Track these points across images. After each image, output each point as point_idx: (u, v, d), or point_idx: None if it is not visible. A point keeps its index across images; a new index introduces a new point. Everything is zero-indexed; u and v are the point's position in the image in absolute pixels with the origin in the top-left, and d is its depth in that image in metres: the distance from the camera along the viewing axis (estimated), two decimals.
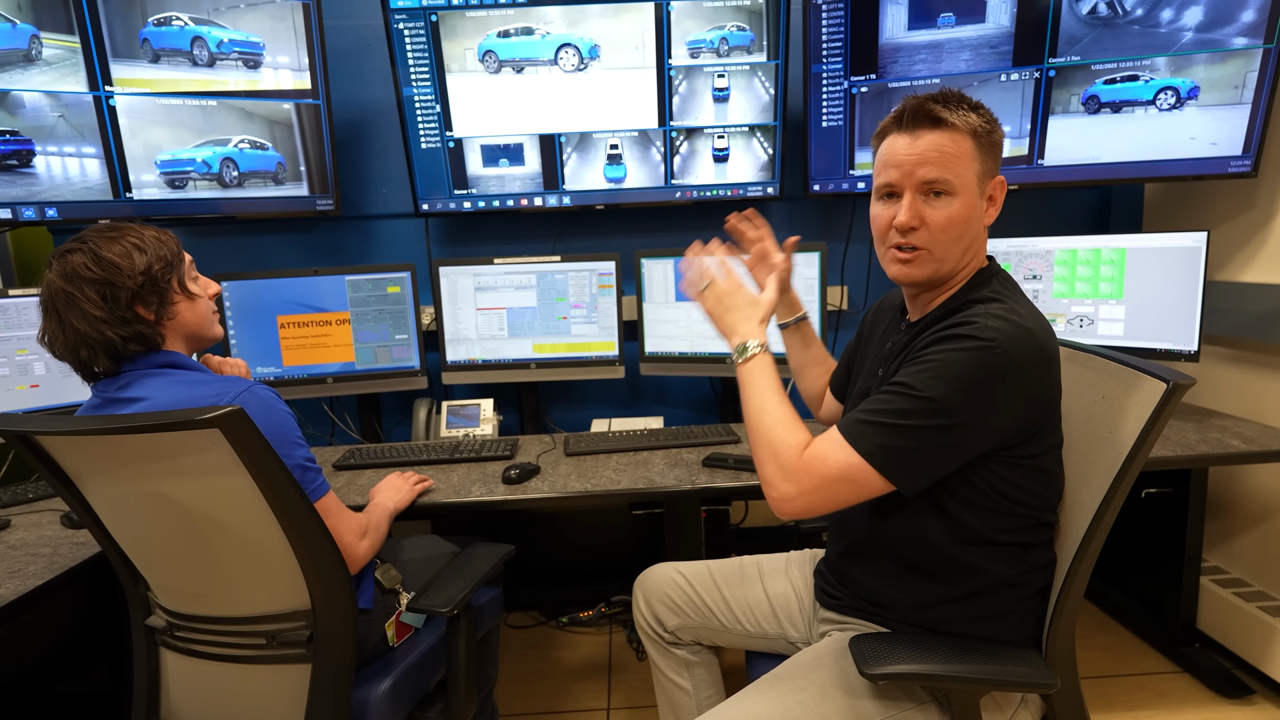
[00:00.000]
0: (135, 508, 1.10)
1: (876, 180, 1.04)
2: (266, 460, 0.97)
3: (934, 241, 0.99)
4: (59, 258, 1.14)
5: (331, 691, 1.10)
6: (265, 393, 1.15)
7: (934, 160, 0.96)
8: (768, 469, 0.99)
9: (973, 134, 0.97)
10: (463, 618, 1.25)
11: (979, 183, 1.00)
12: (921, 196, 0.98)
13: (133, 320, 1.15)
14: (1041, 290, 2.01)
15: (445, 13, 2.04)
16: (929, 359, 0.94)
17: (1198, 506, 1.89)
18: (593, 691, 2.04)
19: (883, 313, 1.26)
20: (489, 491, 1.63)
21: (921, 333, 1.03)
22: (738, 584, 1.35)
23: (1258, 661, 1.84)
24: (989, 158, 1.00)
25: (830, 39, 2.08)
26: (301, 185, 2.11)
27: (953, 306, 1.03)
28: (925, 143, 0.97)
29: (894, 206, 1.01)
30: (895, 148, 1.00)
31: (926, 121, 0.97)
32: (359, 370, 2.15)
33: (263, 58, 2.00)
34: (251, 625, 1.13)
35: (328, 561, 1.08)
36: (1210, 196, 2.10)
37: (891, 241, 1.02)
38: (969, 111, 0.98)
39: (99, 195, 1.90)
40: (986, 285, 1.04)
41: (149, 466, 1.03)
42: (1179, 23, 1.83)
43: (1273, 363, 1.91)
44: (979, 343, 0.91)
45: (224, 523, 1.05)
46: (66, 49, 1.81)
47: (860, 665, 0.95)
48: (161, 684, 1.28)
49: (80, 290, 1.13)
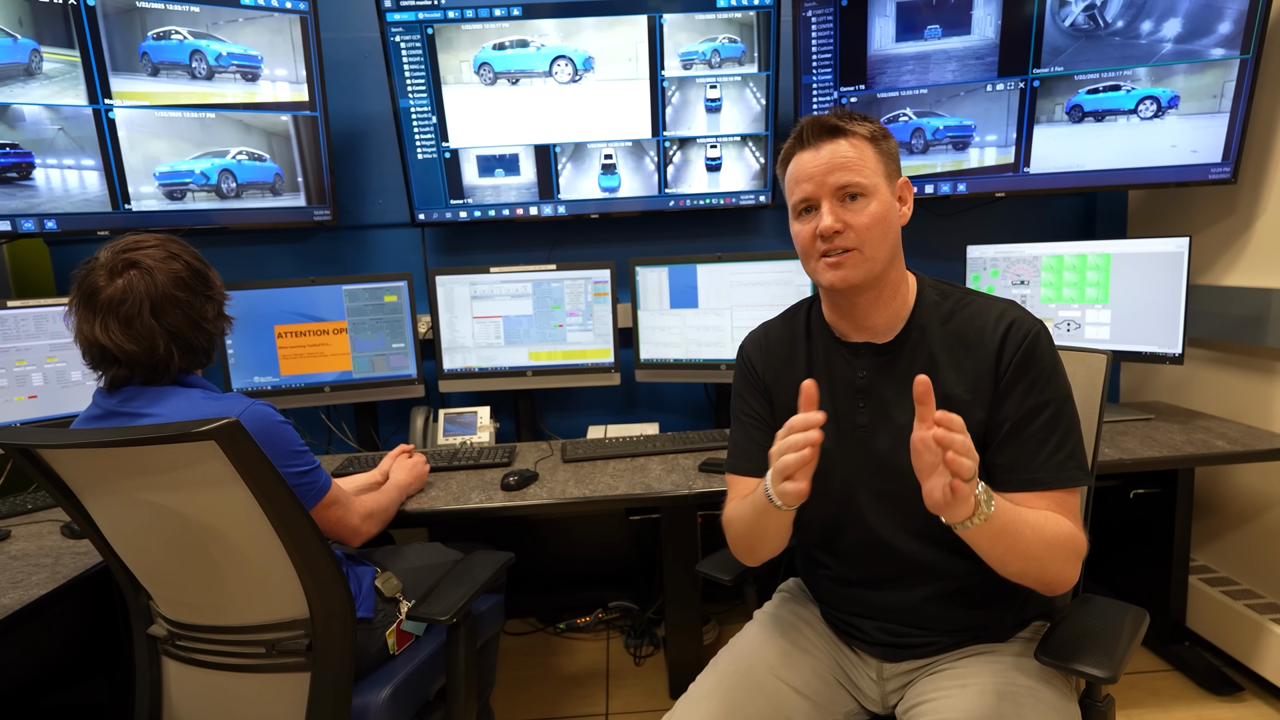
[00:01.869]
0: (136, 519, 1.11)
1: (792, 199, 1.06)
2: (263, 472, 0.99)
3: (862, 240, 1.00)
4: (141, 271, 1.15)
5: (330, 700, 1.11)
6: (264, 408, 1.18)
7: (841, 165, 1.00)
8: (1070, 568, 0.96)
9: (870, 139, 1.02)
10: (462, 626, 1.25)
11: (888, 183, 1.03)
12: (838, 202, 1.01)
13: (214, 328, 1.25)
14: (1029, 295, 2.05)
15: (441, 26, 2.07)
16: (1034, 364, 1.00)
17: (1185, 506, 1.92)
18: (591, 697, 2.05)
19: (779, 350, 1.18)
20: (488, 498, 1.65)
21: (916, 343, 1.05)
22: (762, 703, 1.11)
23: (1246, 659, 1.87)
24: (889, 160, 1.04)
25: (820, 51, 2.12)
26: (299, 196, 2.13)
27: (934, 304, 1.07)
28: (829, 151, 1.01)
29: (814, 219, 1.03)
30: (803, 163, 1.03)
31: (826, 133, 1.01)
32: (356, 379, 2.16)
33: (260, 70, 2.02)
34: (251, 634, 1.14)
35: (325, 571, 1.10)
36: (1192, 202, 2.14)
37: (819, 250, 1.03)
38: (862, 121, 1.03)
39: (98, 207, 1.91)
40: (944, 284, 1.11)
41: (149, 479, 1.05)
42: (1159, 34, 1.88)
43: (1255, 364, 1.95)
44: (1038, 323, 1.02)
45: (223, 533, 1.07)
46: (67, 63, 1.82)
47: (1098, 672, 0.94)
48: (164, 693, 1.29)
49: (193, 289, 1.20)
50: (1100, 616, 1.06)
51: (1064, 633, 1.03)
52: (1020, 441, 1.00)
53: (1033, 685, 1.00)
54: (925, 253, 2.37)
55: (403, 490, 1.60)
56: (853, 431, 1.09)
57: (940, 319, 1.06)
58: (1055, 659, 0.97)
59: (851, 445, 1.09)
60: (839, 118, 1.02)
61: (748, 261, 2.10)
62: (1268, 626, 1.81)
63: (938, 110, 2.06)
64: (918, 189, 2.13)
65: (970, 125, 2.05)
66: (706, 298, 2.13)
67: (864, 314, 1.08)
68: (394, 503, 1.53)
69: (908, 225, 1.08)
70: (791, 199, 1.06)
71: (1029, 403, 0.99)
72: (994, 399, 1.02)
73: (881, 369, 1.08)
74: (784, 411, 1.13)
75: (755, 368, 1.20)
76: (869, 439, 1.07)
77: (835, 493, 1.10)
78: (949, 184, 2.11)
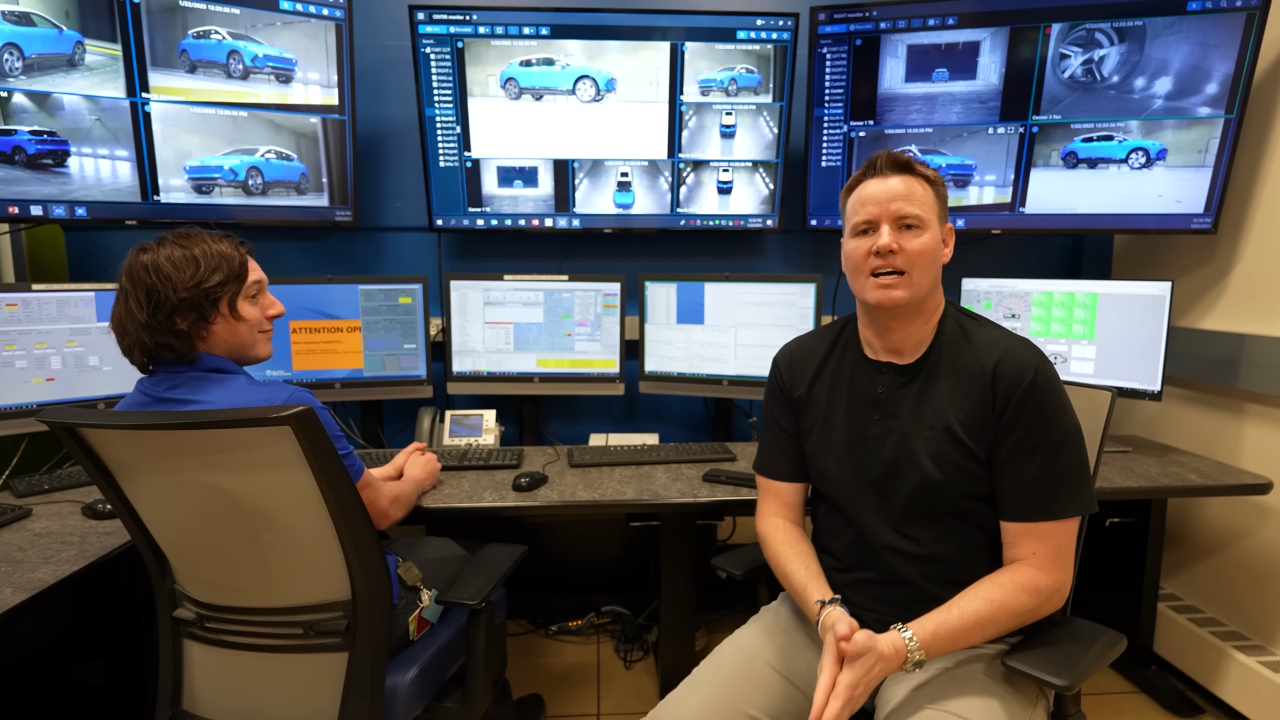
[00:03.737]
0: (181, 501, 1.15)
1: (853, 219, 1.16)
2: (329, 457, 1.05)
3: (912, 264, 1.10)
4: (135, 252, 1.21)
5: (368, 679, 1.16)
6: (306, 394, 1.23)
7: (905, 197, 1.11)
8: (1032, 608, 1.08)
9: (932, 182, 1.14)
10: (485, 611, 1.32)
11: (939, 223, 1.14)
12: (896, 229, 1.11)
13: (168, 330, 1.21)
14: (1019, 328, 2.15)
15: (471, 40, 2.14)
16: (1033, 406, 1.07)
17: (1157, 536, 2.03)
18: (582, 698, 2.11)
19: (806, 363, 1.29)
20: (501, 498, 1.71)
21: (932, 371, 1.15)
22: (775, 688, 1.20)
23: (1208, 683, 1.98)
24: (943, 205, 1.16)
25: (833, 86, 2.22)
26: (322, 196, 2.19)
27: (956, 336, 1.16)
28: (897, 183, 1.11)
29: (871, 239, 1.12)
30: (870, 189, 1.14)
31: (897, 168, 1.13)
32: (366, 377, 2.21)
33: (294, 73, 2.08)
34: (289, 616, 1.19)
35: (370, 553, 1.15)
36: (1173, 249, 2.27)
37: (871, 268, 1.12)
38: (926, 166, 1.15)
39: (128, 197, 1.95)
40: (962, 313, 1.20)
41: (205, 460, 1.09)
42: (1150, 91, 2.01)
43: (1228, 404, 2.07)
44: (1040, 360, 1.09)
45: (275, 516, 1.12)
46: (108, 56, 1.87)
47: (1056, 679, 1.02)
48: (185, 674, 1.32)
49: (134, 289, 1.20)
50: (1076, 637, 1.13)
51: (1035, 644, 1.10)
52: (1011, 477, 1.09)
53: (994, 683, 1.08)
54: None
55: (419, 485, 1.66)
56: (865, 441, 1.19)
57: (953, 349, 1.15)
58: (1020, 665, 1.04)
59: (861, 452, 1.19)
60: (909, 158, 1.14)
61: (754, 282, 2.19)
62: (1230, 653, 1.91)
63: (941, 149, 2.17)
64: None
65: (971, 165, 2.16)
66: (712, 315, 2.22)
67: (897, 333, 1.17)
68: (413, 494, 1.60)
69: None
70: (853, 219, 1.16)
71: (1025, 444, 1.08)
72: (996, 433, 1.10)
73: (899, 389, 1.17)
74: (808, 422, 1.27)
75: (783, 379, 1.32)
76: (878, 449, 1.17)
77: (838, 494, 1.23)
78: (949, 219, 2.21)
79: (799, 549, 1.25)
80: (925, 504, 1.14)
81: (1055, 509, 1.07)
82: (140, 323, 1.20)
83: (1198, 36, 1.94)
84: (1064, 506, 1.08)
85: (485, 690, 1.37)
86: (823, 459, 1.24)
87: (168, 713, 1.29)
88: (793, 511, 1.33)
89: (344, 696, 1.17)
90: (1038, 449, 1.07)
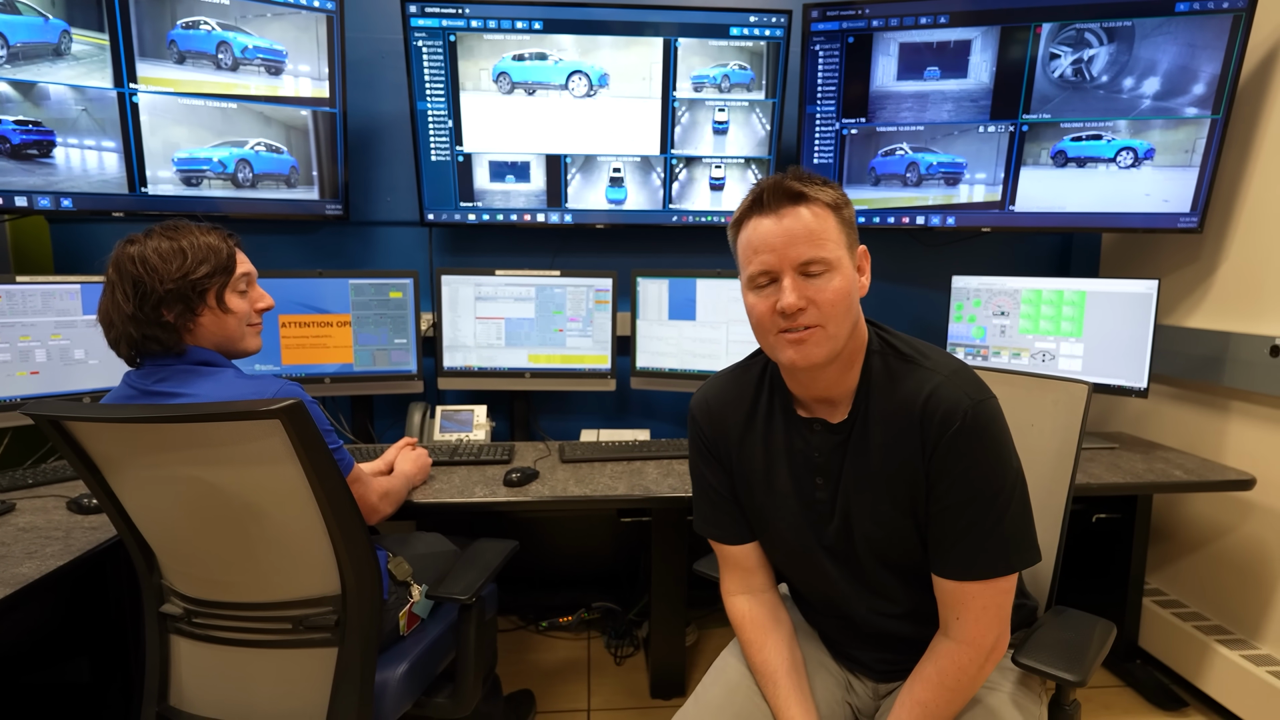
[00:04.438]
0: (168, 495, 1.14)
1: (748, 269, 0.97)
2: (319, 451, 1.04)
3: (826, 317, 0.94)
4: (122, 244, 1.20)
5: (358, 674, 1.16)
6: (295, 387, 1.22)
7: (806, 238, 0.93)
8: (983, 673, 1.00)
9: (833, 207, 0.96)
10: (475, 606, 1.32)
11: (849, 254, 0.97)
12: (801, 276, 0.94)
13: (154, 322, 1.20)
14: (1009, 326, 2.17)
15: (464, 34, 2.13)
16: (962, 453, 0.94)
17: (1142, 532, 2.05)
18: (572, 694, 2.11)
19: (729, 415, 1.12)
20: (492, 493, 1.71)
21: (863, 424, 1.01)
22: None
23: (1192, 677, 2.00)
24: (850, 229, 0.98)
25: (825, 83, 2.23)
26: (313, 190, 2.17)
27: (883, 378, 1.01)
28: (792, 220, 0.94)
29: (773, 293, 0.95)
30: (762, 231, 0.95)
31: (788, 199, 0.94)
32: (357, 372, 2.20)
33: (284, 65, 2.06)
34: (278, 611, 1.18)
35: (360, 548, 1.15)
36: (1160, 248, 2.29)
37: (779, 327, 0.96)
38: (823, 186, 0.97)
39: (115, 188, 1.93)
40: (887, 346, 1.04)
41: (193, 453, 1.08)
42: (1139, 91, 2.03)
43: (1213, 401, 2.09)
44: (972, 402, 0.94)
45: (264, 510, 1.11)
46: (95, 45, 1.85)
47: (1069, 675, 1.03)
48: (172, 670, 1.31)
49: (120, 280, 1.19)
50: (1072, 627, 1.16)
51: (1040, 639, 1.11)
52: (939, 531, 0.98)
53: (1006, 684, 1.09)
54: (914, 281, 2.49)
55: (409, 480, 1.66)
56: (812, 506, 1.07)
57: (882, 394, 1.01)
58: (1032, 662, 1.06)
59: (814, 519, 1.07)
60: (801, 182, 0.95)
61: None
62: (1213, 647, 1.94)
63: (932, 146, 2.18)
64: (910, 220, 2.24)
65: (962, 163, 2.17)
66: (704, 311, 2.22)
67: (821, 384, 1.03)
68: (404, 489, 1.59)
69: (898, 253, 1.13)
70: (747, 269, 0.98)
71: (954, 495, 0.96)
72: (926, 481, 0.98)
73: (836, 448, 1.04)
74: (745, 482, 1.12)
75: (705, 434, 1.15)
76: (829, 514, 1.06)
77: (800, 561, 1.12)
78: (939, 217, 2.23)
79: (774, 658, 1.11)
80: (886, 564, 1.05)
81: (983, 569, 0.96)
82: (126, 314, 1.19)
83: (1185, 37, 1.96)
84: (995, 565, 0.96)
85: (476, 685, 1.37)
86: (774, 527, 1.11)
87: (154, 709, 1.28)
88: (757, 576, 1.18)
89: (333, 692, 1.17)
90: (969, 501, 0.95)
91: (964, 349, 2.25)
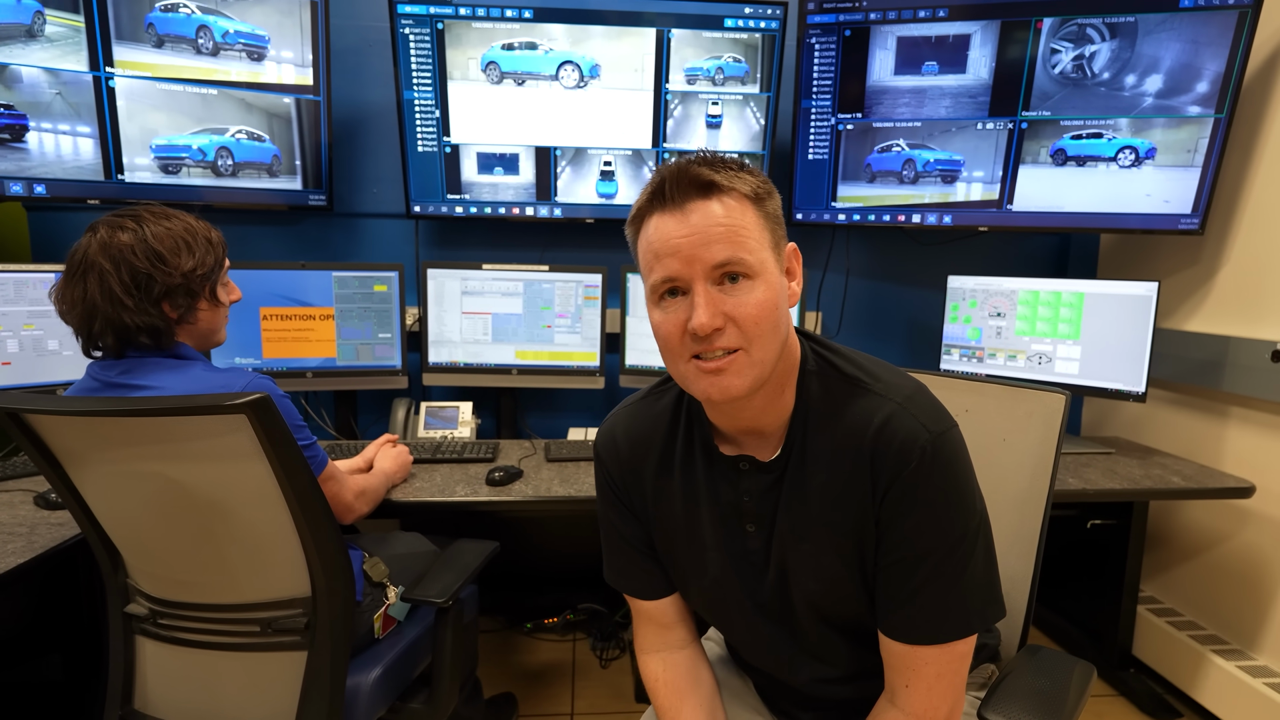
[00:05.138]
0: (132, 491, 1.10)
1: (651, 277, 0.79)
2: (287, 447, 1.00)
3: (749, 338, 0.76)
4: (108, 229, 1.15)
5: (327, 679, 1.12)
6: (267, 381, 1.18)
7: (722, 236, 0.75)
8: None
9: (754, 198, 0.78)
10: (452, 609, 1.28)
11: (775, 255, 0.79)
12: (715, 286, 0.76)
13: (155, 315, 1.17)
14: (1005, 327, 2.13)
15: (452, 22, 2.08)
16: (919, 497, 0.79)
17: (1138, 538, 2.01)
18: (556, 697, 2.07)
19: (642, 457, 0.95)
20: (473, 492, 1.66)
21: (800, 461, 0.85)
22: None
23: (1186, 687, 1.97)
24: (775, 224, 0.80)
25: (821, 77, 2.18)
26: (295, 179, 2.12)
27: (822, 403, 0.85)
28: (702, 216, 0.75)
29: (682, 307, 0.77)
30: (665, 231, 0.76)
31: (696, 190, 0.76)
32: (340, 366, 2.15)
33: (267, 51, 2.01)
34: (246, 613, 1.15)
35: (331, 549, 1.11)
36: (1159, 249, 2.25)
37: (690, 352, 0.78)
38: (740, 173, 0.79)
39: (90, 175, 1.88)
40: (825, 363, 0.87)
41: (157, 449, 1.04)
42: (1141, 88, 1.99)
43: (1211, 407, 2.05)
44: (931, 435, 0.79)
45: (231, 509, 1.07)
46: (70, 27, 1.80)
47: None
48: (137, 673, 1.27)
49: (117, 270, 1.14)
50: (1047, 673, 1.01)
51: (1011, 688, 0.98)
52: (889, 586, 0.83)
53: None
54: (909, 281, 2.45)
55: (388, 478, 1.61)
56: (743, 558, 0.91)
57: (821, 423, 0.84)
58: (1000, 718, 0.92)
59: (748, 574, 0.92)
60: (712, 168, 0.77)
61: None
62: (1208, 656, 1.90)
63: (929, 143, 2.14)
64: (905, 218, 2.20)
65: (959, 160, 2.13)
66: None
67: (748, 418, 0.86)
68: (382, 487, 1.55)
69: (893, 251, 1.00)
70: (650, 276, 0.79)
71: (908, 548, 0.81)
72: (876, 529, 0.82)
73: (768, 489, 0.87)
74: (662, 532, 0.96)
75: (614, 479, 0.98)
76: (763, 567, 0.90)
77: (729, 619, 0.99)
78: (935, 215, 2.19)
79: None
80: (828, 622, 0.90)
81: (940, 632, 0.82)
82: (122, 304, 1.14)
83: (1189, 34, 1.92)
84: (953, 628, 0.82)
85: (452, 691, 1.33)
86: (699, 583, 0.96)
87: (117, 712, 1.24)
88: (675, 632, 1.03)
89: (302, 697, 1.13)
90: (927, 553, 0.80)
91: (959, 350, 2.21)
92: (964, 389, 1.18)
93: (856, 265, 2.45)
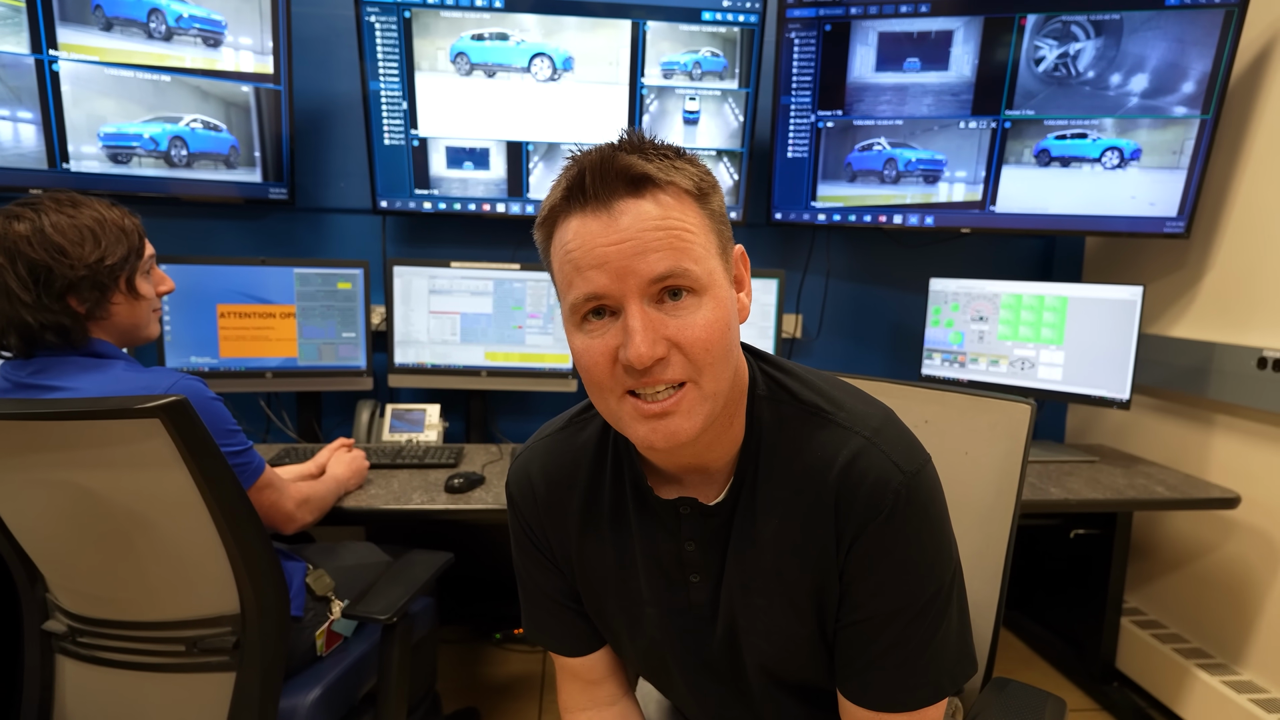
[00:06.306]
0: (46, 501, 1.02)
1: (570, 295, 0.64)
2: (208, 454, 0.93)
3: (698, 367, 0.63)
4: (4, 219, 1.06)
5: (257, 702, 1.04)
6: (195, 382, 1.10)
7: (657, 244, 0.61)
8: None
9: (696, 194, 0.65)
10: (399, 626, 1.20)
11: (723, 263, 0.66)
12: (653, 305, 0.62)
13: (59, 311, 1.08)
14: (987, 332, 2.08)
15: (419, 10, 2.01)
16: (890, 548, 0.69)
17: (1121, 549, 1.96)
18: (522, 711, 1.99)
19: (560, 504, 0.81)
20: (430, 500, 1.58)
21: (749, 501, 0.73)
22: None
23: (1170, 702, 1.92)
24: (721, 224, 0.67)
25: (800, 73, 2.12)
26: (255, 171, 2.04)
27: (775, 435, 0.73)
28: (633, 218, 0.61)
29: (610, 331, 0.63)
30: (588, 238, 0.62)
31: (624, 184, 0.61)
32: (301, 366, 2.07)
33: (224, 37, 1.92)
34: (170, 631, 1.07)
35: (261, 564, 1.03)
36: (1144, 253, 2.21)
37: (624, 387, 0.64)
38: (677, 161, 0.65)
39: (32, 164, 1.79)
40: (777, 387, 0.75)
41: (68, 455, 0.97)
42: (1126, 88, 1.94)
43: (1195, 414, 2.00)
44: (905, 476, 0.68)
45: (149, 519, 0.99)
46: (9, 7, 1.70)
47: None
48: (56, 695, 1.19)
49: (12, 264, 1.06)
50: (1016, 711, 0.92)
51: None
52: (853, 646, 0.73)
53: None
54: (890, 283, 2.39)
55: (340, 484, 1.53)
56: (686, 613, 0.79)
57: (775, 459, 0.73)
58: None
59: (690, 628, 0.80)
60: (644, 156, 0.63)
61: None
62: (1193, 671, 1.85)
63: (911, 142, 2.08)
64: (887, 219, 2.14)
65: (942, 160, 2.08)
66: None
67: (689, 456, 0.72)
68: (331, 494, 1.46)
69: (874, 253, 0.92)
70: (569, 294, 0.64)
71: (877, 605, 0.70)
72: (840, 582, 0.72)
73: (714, 534, 0.75)
74: (588, 585, 0.83)
75: (532, 527, 0.84)
76: (708, 622, 0.78)
77: (669, 680, 0.87)
78: (917, 216, 2.13)
79: None
80: (782, 686, 0.79)
81: (910, 699, 0.72)
82: (20, 300, 1.06)
83: (1175, 32, 1.87)
84: (924, 693, 0.72)
85: (399, 712, 1.25)
86: (634, 642, 0.83)
87: None
88: (605, 688, 0.90)
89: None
90: (897, 612, 0.70)
91: (941, 355, 2.15)
92: (922, 398, 1.08)
93: (837, 267, 2.39)
